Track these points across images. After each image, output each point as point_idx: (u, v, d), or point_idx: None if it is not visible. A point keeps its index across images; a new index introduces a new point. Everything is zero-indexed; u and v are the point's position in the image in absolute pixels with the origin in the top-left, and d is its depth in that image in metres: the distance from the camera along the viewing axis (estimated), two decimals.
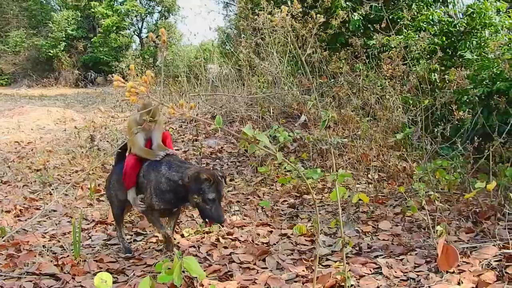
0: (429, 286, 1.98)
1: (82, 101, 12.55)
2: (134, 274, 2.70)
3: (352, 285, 2.23)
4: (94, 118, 8.77)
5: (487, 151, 3.22)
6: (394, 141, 5.04)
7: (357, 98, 5.72)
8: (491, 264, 2.14)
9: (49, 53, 21.36)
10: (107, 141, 6.96)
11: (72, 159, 6.04)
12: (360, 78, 5.78)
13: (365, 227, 3.29)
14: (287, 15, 1.63)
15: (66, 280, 2.62)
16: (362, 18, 6.94)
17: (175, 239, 3.34)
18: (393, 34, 6.29)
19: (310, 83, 5.02)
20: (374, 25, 6.07)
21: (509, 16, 7.02)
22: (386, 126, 5.30)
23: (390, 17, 6.93)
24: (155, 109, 3.00)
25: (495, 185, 2.65)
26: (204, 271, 2.63)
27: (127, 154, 3.18)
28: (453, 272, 2.10)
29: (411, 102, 5.51)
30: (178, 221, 3.78)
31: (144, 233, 3.59)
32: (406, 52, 5.15)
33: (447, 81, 4.20)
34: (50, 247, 3.28)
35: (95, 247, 3.35)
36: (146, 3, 23.16)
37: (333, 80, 6.23)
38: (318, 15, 1.74)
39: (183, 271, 2.22)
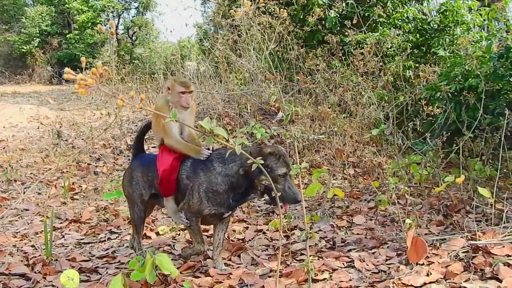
0: (399, 278, 2.02)
1: (56, 99, 12.28)
2: (107, 273, 2.66)
3: (325, 279, 2.26)
4: (69, 115, 8.61)
5: (455, 145, 3.30)
6: (370, 137, 5.11)
7: (333, 95, 5.78)
8: (459, 255, 2.20)
9: (22, 49, 20.83)
10: (82, 139, 6.84)
11: (46, 157, 5.92)
12: (336, 75, 5.84)
13: (340, 221, 3.33)
14: (250, 10, 1.63)
15: (36, 279, 2.57)
16: (338, 16, 7.00)
17: (149, 237, 3.31)
18: (365, 32, 6.38)
19: (274, 77, 5.03)
20: (351, 22, 6.12)
21: (480, 14, 7.19)
22: (361, 122, 5.38)
23: (366, 15, 7.02)
24: (187, 80, 2.64)
25: (463, 178, 2.72)
26: (179, 268, 2.63)
27: (158, 145, 2.70)
28: (423, 264, 2.15)
29: (386, 98, 5.60)
30: (154, 218, 3.76)
31: (119, 231, 3.55)
32: (380, 49, 5.22)
33: (421, 78, 4.28)
34: (21, 247, 3.22)
35: (68, 246, 3.30)
36: None
37: (310, 76, 6.27)
38: (282, 10, 1.74)
39: (157, 268, 2.20)
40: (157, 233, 3.37)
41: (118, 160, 5.90)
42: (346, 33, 6.01)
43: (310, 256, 2.58)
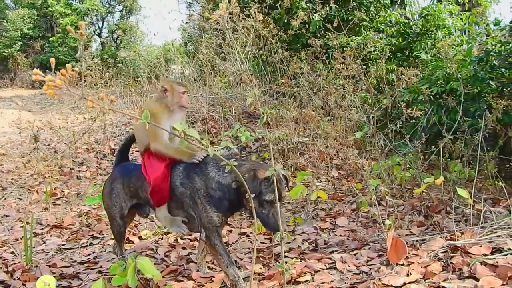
0: (379, 279, 2.04)
1: (39, 103, 12.12)
2: (88, 278, 2.63)
3: (307, 280, 2.27)
4: (52, 119, 8.49)
5: (434, 147, 3.35)
6: (354, 139, 5.16)
7: (317, 98, 5.82)
8: (438, 255, 2.23)
9: (4, 53, 20.49)
10: (65, 143, 6.76)
11: (27, 162, 5.83)
12: (320, 78, 5.88)
13: (323, 223, 3.34)
14: (225, 13, 1.64)
15: (16, 286, 2.53)
16: (322, 20, 7.06)
17: (132, 242, 3.29)
18: (347, 35, 6.45)
19: (250, 80, 5.05)
20: (334, 26, 6.19)
21: (461, 19, 7.33)
22: (345, 124, 5.43)
23: (350, 18, 7.10)
24: (183, 82, 2.58)
25: (442, 180, 2.76)
26: (162, 271, 2.62)
27: (141, 151, 2.53)
28: (403, 264, 2.18)
29: (370, 101, 5.66)
30: (137, 223, 3.73)
31: (101, 236, 3.51)
32: (360, 52, 5.28)
33: (400, 81, 4.34)
34: (1, 254, 3.16)
35: (49, 252, 3.25)
36: (107, 2, 22.63)
37: (294, 80, 6.30)
38: (258, 13, 1.75)
39: (139, 273, 2.18)
40: (140, 238, 3.35)
41: (101, 165, 5.84)
42: (328, 37, 6.06)
43: (293, 258, 2.61)
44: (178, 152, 2.36)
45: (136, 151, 5.66)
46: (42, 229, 3.80)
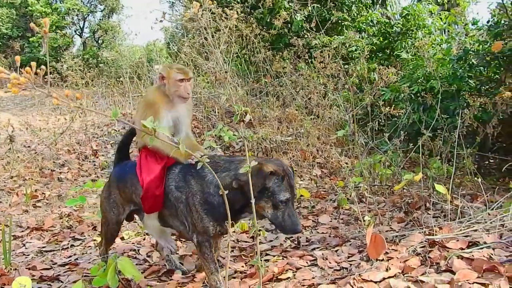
0: (359, 274, 2.06)
1: (19, 104, 11.90)
2: (68, 280, 2.60)
3: (288, 278, 2.29)
4: (32, 121, 8.35)
5: (414, 145, 3.41)
6: (336, 138, 5.21)
7: (301, 97, 5.86)
8: (417, 250, 2.27)
9: None
10: (45, 145, 6.65)
11: (7, 164, 5.72)
12: (302, 77, 5.92)
13: (305, 221, 3.37)
14: (198, 11, 1.65)
15: None
16: (304, 19, 7.10)
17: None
18: (327, 34, 6.51)
19: (223, 77, 5.06)
20: (314, 25, 6.24)
21: (440, 18, 7.46)
22: (328, 123, 5.47)
23: (330, 18, 7.16)
24: (184, 66, 2.25)
25: (421, 176, 2.81)
26: (144, 272, 2.61)
27: (138, 148, 2.29)
28: (382, 260, 2.21)
29: (352, 100, 5.72)
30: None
31: (82, 238, 3.47)
32: (339, 51, 5.33)
33: (378, 80, 4.41)
34: None
35: (29, 255, 3.20)
36: (88, 1, 22.35)
37: (277, 79, 6.33)
38: (231, 11, 1.76)
39: (119, 273, 2.17)
40: (122, 238, 3.32)
41: (83, 166, 5.78)
42: (306, 36, 6.11)
43: (274, 256, 2.62)
44: (176, 150, 2.05)
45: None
46: (22, 231, 3.74)
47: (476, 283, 1.81)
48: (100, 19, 22.82)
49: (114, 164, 2.60)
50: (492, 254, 2.06)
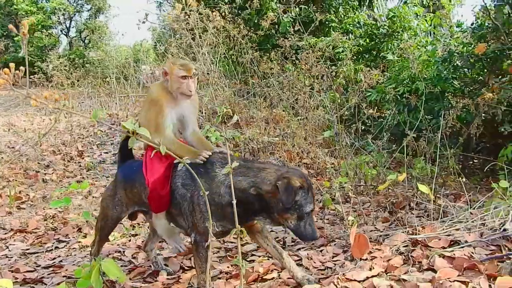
0: (343, 274, 2.09)
1: (3, 104, 11.75)
2: (52, 283, 2.58)
3: (273, 278, 2.30)
4: (17, 121, 8.25)
5: (395, 146, 3.45)
6: (323, 139, 5.24)
7: (287, 98, 5.88)
8: (400, 250, 2.30)
9: None
10: (30, 146, 6.57)
11: None
12: (288, 79, 5.94)
13: None
14: (181, 13, 1.65)
15: None
16: (292, 20, 7.13)
17: None
18: (314, 35, 6.55)
19: (206, 78, 5.06)
20: (306, 27, 6.28)
21: (426, 21, 7.56)
22: (315, 124, 5.50)
23: (317, 19, 7.20)
24: (188, 62, 2.22)
25: (405, 176, 2.84)
26: (129, 273, 2.59)
27: (143, 146, 2.27)
28: (366, 259, 2.24)
29: (338, 100, 5.76)
30: None
31: (67, 239, 3.44)
32: (324, 52, 5.38)
33: (363, 81, 4.46)
34: None
35: (12, 257, 3.16)
36: (75, 1, 22.12)
37: (264, 80, 6.34)
38: (213, 13, 1.77)
39: (104, 275, 2.15)
40: (107, 240, 3.29)
41: (68, 167, 5.72)
42: (292, 38, 6.13)
43: (260, 256, 2.63)
44: (183, 148, 2.06)
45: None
46: (6, 234, 3.69)
47: (457, 281, 1.84)
48: (86, 19, 22.60)
49: (118, 163, 2.57)
50: (473, 253, 2.10)
